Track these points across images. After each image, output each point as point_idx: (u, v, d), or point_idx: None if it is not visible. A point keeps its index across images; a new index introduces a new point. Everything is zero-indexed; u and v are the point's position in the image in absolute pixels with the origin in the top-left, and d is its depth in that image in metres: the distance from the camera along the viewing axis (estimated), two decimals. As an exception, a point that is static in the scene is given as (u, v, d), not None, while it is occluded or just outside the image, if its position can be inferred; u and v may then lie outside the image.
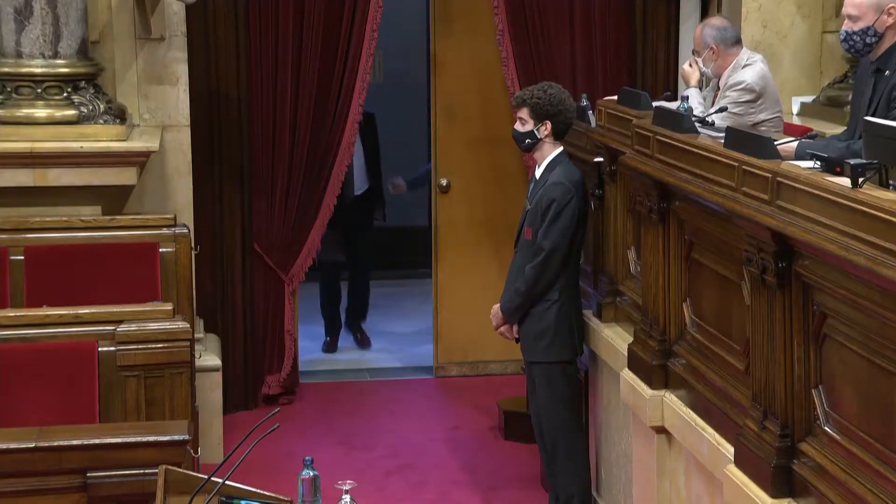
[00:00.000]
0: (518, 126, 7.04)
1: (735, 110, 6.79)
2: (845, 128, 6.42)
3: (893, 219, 3.83)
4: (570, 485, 7.08)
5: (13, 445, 5.58)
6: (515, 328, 7.16)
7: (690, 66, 7.26)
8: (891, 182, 4.19)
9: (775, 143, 5.43)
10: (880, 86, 5.83)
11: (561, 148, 7.04)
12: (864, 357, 4.24)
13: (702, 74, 7.19)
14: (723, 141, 5.35)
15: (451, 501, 7.95)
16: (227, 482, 4.53)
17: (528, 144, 7.07)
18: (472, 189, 10.01)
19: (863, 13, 5.83)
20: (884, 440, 4.15)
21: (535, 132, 6.97)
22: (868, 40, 5.86)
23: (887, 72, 5.80)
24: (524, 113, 6.99)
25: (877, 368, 4.15)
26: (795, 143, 5.85)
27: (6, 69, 7.75)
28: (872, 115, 5.55)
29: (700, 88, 7.18)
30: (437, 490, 7.97)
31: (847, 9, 5.90)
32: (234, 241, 9.40)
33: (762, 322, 4.80)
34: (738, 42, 7.19)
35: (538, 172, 7.08)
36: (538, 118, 6.95)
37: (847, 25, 5.92)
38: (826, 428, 4.52)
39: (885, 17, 5.78)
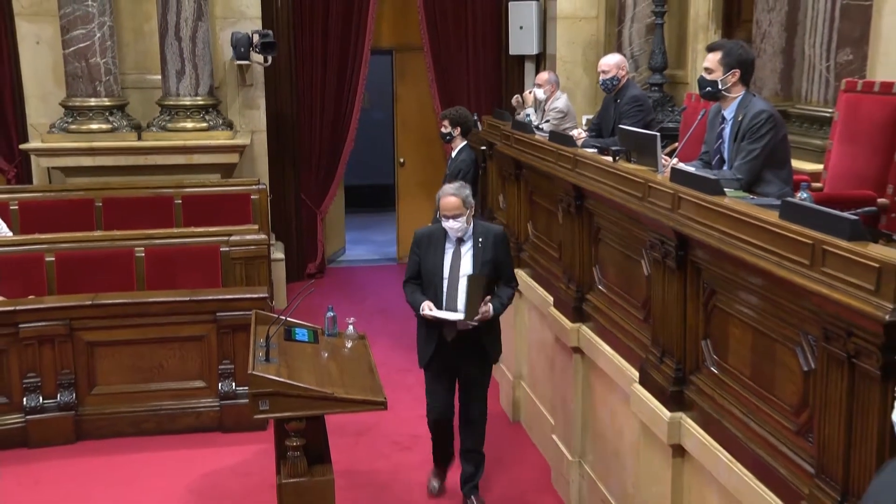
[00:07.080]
0: (442, 130, 7.00)
1: (554, 122, 6.80)
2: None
3: (631, 177, 3.88)
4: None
5: (177, 298, 5.61)
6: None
7: (529, 93, 7.33)
8: (632, 159, 4.23)
9: (575, 138, 5.49)
10: (616, 110, 5.98)
11: (465, 142, 6.99)
12: (616, 249, 4.22)
13: (536, 101, 7.23)
14: (548, 138, 5.37)
15: (408, 328, 7.92)
16: (287, 318, 4.57)
17: (448, 140, 7.03)
18: (416, 164, 9.94)
19: (609, 69, 5.92)
20: (631, 296, 4.19)
21: (451, 133, 6.95)
22: (614, 83, 5.93)
23: (619, 100, 5.95)
24: (445, 123, 6.94)
25: (627, 259, 4.15)
26: (585, 136, 5.94)
27: (171, 102, 7.66)
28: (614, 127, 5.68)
29: (535, 108, 7.21)
30: (401, 323, 7.95)
31: (601, 67, 6.04)
32: (290, 192, 9.30)
33: (568, 232, 4.84)
34: (558, 84, 7.21)
35: (453, 155, 7.04)
36: (453, 125, 6.92)
37: (602, 77, 6.02)
38: (600, 287, 4.55)
39: (621, 71, 5.89)
